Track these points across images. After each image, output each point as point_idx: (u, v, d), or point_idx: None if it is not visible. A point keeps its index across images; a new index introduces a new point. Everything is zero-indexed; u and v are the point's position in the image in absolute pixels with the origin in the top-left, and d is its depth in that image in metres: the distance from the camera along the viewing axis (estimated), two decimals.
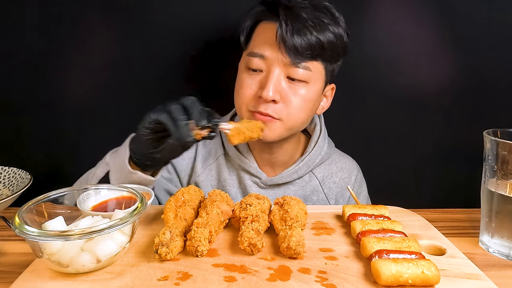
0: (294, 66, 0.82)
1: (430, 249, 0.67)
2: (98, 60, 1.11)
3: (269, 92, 0.81)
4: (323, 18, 0.82)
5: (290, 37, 0.79)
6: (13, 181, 0.90)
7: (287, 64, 0.82)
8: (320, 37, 0.81)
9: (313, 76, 0.84)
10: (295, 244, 0.60)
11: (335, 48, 0.84)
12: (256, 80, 0.85)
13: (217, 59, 1.11)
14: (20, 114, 1.12)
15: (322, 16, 0.82)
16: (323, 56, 0.84)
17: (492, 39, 1.12)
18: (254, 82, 0.85)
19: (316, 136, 0.98)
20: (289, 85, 0.84)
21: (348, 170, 1.03)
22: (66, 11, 1.06)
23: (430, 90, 1.16)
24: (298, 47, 0.80)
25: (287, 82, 0.84)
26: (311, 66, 0.83)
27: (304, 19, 0.80)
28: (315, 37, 0.80)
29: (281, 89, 0.83)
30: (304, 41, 0.80)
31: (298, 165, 0.96)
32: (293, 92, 0.84)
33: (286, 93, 0.83)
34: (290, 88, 0.84)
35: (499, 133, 0.72)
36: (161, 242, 0.59)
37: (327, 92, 0.93)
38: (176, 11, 1.08)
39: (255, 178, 0.97)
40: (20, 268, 0.60)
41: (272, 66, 0.83)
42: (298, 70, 0.82)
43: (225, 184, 0.98)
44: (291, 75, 0.83)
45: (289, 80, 0.84)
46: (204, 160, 0.99)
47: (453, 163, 1.20)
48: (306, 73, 0.83)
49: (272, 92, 0.81)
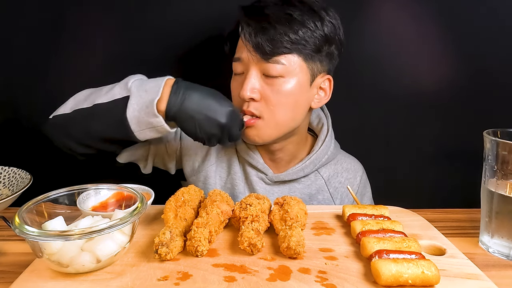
0: (266, 62, 0.83)
1: (430, 249, 0.67)
2: (98, 60, 1.11)
3: (245, 92, 0.84)
4: (292, 11, 0.83)
5: (253, 36, 0.82)
6: (13, 181, 0.90)
7: (260, 61, 0.84)
8: (286, 31, 0.81)
9: (289, 69, 0.84)
10: (295, 244, 0.60)
11: (308, 41, 0.83)
12: (239, 83, 0.87)
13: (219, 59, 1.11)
14: (20, 113, 1.12)
15: (291, 10, 0.83)
16: (297, 50, 0.84)
17: (493, 38, 1.12)
18: (238, 85, 0.88)
19: (323, 136, 0.98)
20: (266, 81, 0.85)
21: (354, 171, 1.03)
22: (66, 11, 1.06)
23: (430, 90, 1.16)
24: (263, 44, 0.81)
25: (264, 79, 0.85)
26: (284, 60, 0.83)
27: (266, 15, 0.82)
28: (280, 32, 0.81)
29: (258, 87, 0.85)
30: (267, 37, 0.81)
31: (305, 163, 0.96)
32: (270, 88, 0.85)
33: (264, 91, 0.85)
34: (268, 85, 0.85)
35: (499, 133, 0.72)
36: (161, 242, 0.59)
37: (322, 84, 0.91)
38: (174, 11, 1.07)
39: (261, 174, 0.97)
40: (20, 268, 0.60)
41: (248, 66, 0.86)
42: (270, 65, 0.83)
43: (235, 177, 0.98)
44: (266, 72, 0.84)
45: (265, 77, 0.85)
46: (219, 151, 1.00)
47: (453, 163, 1.20)
48: (281, 68, 0.83)
49: (249, 91, 0.84)
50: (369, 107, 1.17)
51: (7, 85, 1.10)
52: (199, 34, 1.09)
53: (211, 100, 0.79)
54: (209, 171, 0.98)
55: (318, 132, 1.00)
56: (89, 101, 0.81)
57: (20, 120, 1.13)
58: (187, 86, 0.79)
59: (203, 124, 0.78)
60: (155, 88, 0.78)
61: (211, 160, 0.99)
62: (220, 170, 1.00)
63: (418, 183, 1.23)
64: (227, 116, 0.79)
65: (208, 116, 0.78)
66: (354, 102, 1.15)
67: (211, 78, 1.12)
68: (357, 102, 1.16)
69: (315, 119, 1.02)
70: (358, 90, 1.14)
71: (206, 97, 0.79)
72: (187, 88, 0.78)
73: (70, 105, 0.84)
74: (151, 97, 0.77)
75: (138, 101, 0.78)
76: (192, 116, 0.77)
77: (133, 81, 0.81)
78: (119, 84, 0.82)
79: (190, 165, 1.00)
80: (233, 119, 0.80)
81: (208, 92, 0.80)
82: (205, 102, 0.78)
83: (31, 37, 1.07)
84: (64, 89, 1.11)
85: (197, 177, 0.99)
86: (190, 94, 0.78)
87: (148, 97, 0.77)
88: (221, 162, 1.00)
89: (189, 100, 0.77)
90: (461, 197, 0.99)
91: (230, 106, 0.80)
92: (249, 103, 0.85)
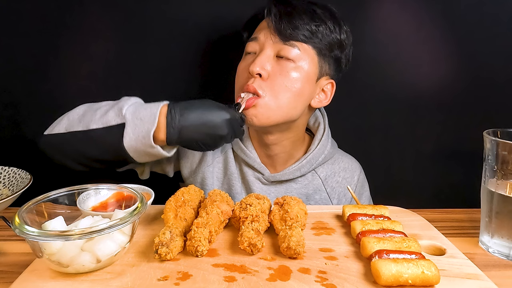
0: (283, 44, 0.86)
1: (430, 249, 0.67)
2: (100, 60, 1.11)
3: (255, 67, 0.85)
4: (315, 9, 0.87)
5: (278, 18, 0.85)
6: (13, 181, 0.90)
7: (277, 42, 0.86)
8: (310, 23, 0.86)
9: (302, 57, 0.87)
10: (295, 244, 0.60)
11: (326, 38, 0.88)
12: (249, 62, 0.88)
13: (219, 59, 1.11)
14: (20, 113, 1.12)
15: (315, 8, 0.88)
16: (314, 43, 0.87)
17: (493, 39, 1.12)
18: (247, 64, 0.88)
19: (319, 135, 0.98)
20: (277, 62, 0.87)
21: (351, 170, 1.03)
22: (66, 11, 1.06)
23: (430, 90, 1.16)
24: (285, 27, 0.84)
25: (276, 59, 0.87)
26: (300, 47, 0.86)
27: (292, 5, 0.86)
28: (304, 21, 0.85)
29: (268, 66, 0.86)
30: (292, 23, 0.85)
31: (301, 163, 0.96)
32: (280, 70, 0.86)
33: (273, 71, 0.86)
34: (278, 65, 0.87)
35: (499, 133, 0.72)
36: (161, 242, 0.59)
37: (325, 87, 0.93)
38: (173, 11, 1.08)
39: (258, 173, 0.97)
40: (20, 268, 0.60)
41: (263, 46, 0.88)
42: (286, 47, 0.86)
43: (231, 178, 0.98)
44: (280, 53, 0.86)
45: (278, 58, 0.87)
46: (215, 151, 1.00)
47: (453, 163, 1.20)
48: (295, 52, 0.86)
49: (259, 67, 0.85)
50: (369, 107, 1.17)
51: (7, 85, 1.10)
52: (199, 34, 1.09)
53: (207, 116, 0.77)
54: (206, 172, 0.99)
55: (314, 131, 1.01)
56: (84, 123, 0.79)
57: (20, 120, 1.13)
58: (181, 109, 0.77)
59: (206, 141, 0.79)
60: (150, 117, 0.76)
61: (207, 161, 0.99)
62: (217, 171, 1.00)
63: (418, 183, 1.23)
64: (227, 126, 0.78)
65: (208, 133, 0.77)
66: (354, 102, 1.15)
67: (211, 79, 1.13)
68: (358, 102, 1.16)
69: (312, 118, 1.02)
70: (358, 90, 1.14)
71: (202, 114, 0.77)
72: (182, 111, 0.77)
73: (64, 124, 0.81)
74: (147, 127, 0.75)
75: (134, 130, 0.76)
76: (193, 138, 0.78)
77: (128, 107, 0.78)
78: (113, 109, 0.79)
79: (188, 167, 1.00)
80: (233, 124, 0.79)
81: (203, 108, 0.78)
82: (202, 120, 0.77)
83: (31, 37, 1.07)
84: (64, 89, 1.12)
85: (194, 179, 0.99)
86: (186, 118, 0.76)
87: (144, 126, 0.76)
88: (218, 163, 1.00)
89: (186, 124, 0.76)
90: (461, 197, 0.99)
91: (226, 113, 0.78)
92: (255, 80, 0.85)
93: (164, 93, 1.11)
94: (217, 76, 1.12)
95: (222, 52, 1.10)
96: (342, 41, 0.90)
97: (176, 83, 1.12)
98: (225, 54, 1.09)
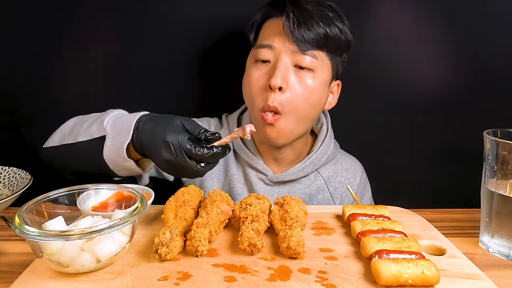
0: (301, 54, 0.84)
1: (430, 249, 0.67)
2: (100, 60, 1.10)
3: (277, 80, 0.83)
4: (327, 12, 0.86)
5: (297, 27, 0.82)
6: (13, 181, 0.90)
7: (295, 51, 0.84)
8: (326, 28, 0.85)
9: (320, 65, 0.86)
10: (295, 244, 0.60)
11: (339, 41, 0.87)
12: (264, 72, 0.86)
13: (221, 59, 1.11)
14: (20, 113, 1.12)
15: (326, 11, 0.86)
16: (328, 48, 0.87)
17: (493, 38, 1.12)
18: (262, 74, 0.87)
19: (322, 135, 0.98)
20: (296, 73, 0.85)
21: (353, 171, 1.03)
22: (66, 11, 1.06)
23: (430, 90, 1.16)
24: (305, 36, 0.82)
25: (294, 70, 0.85)
26: (317, 55, 0.86)
27: (309, 11, 0.84)
28: (322, 28, 0.84)
29: (288, 77, 0.85)
30: (311, 31, 0.83)
31: (305, 163, 0.96)
32: (299, 80, 0.85)
33: (293, 81, 0.85)
34: (297, 77, 0.85)
35: (499, 133, 0.72)
36: (161, 242, 0.59)
37: (333, 88, 0.94)
38: (173, 12, 1.07)
39: (261, 174, 0.97)
40: (20, 268, 0.60)
41: (279, 55, 0.85)
42: (305, 57, 0.84)
43: (232, 179, 0.98)
44: (299, 63, 0.85)
45: (296, 68, 0.85)
46: None
47: (453, 163, 1.20)
48: (313, 61, 0.85)
49: (280, 80, 0.83)
50: (369, 107, 1.17)
51: (7, 85, 1.10)
52: (199, 35, 1.09)
53: (154, 135, 0.68)
54: (205, 175, 0.97)
55: (317, 132, 1.01)
56: (73, 136, 0.79)
57: (20, 120, 1.13)
58: (144, 123, 0.71)
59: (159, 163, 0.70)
60: (126, 130, 0.72)
61: None
62: (217, 172, 0.99)
63: (418, 183, 1.23)
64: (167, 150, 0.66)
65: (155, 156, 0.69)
66: (355, 102, 1.15)
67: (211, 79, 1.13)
68: (358, 102, 1.16)
69: None
70: (358, 90, 1.14)
71: (151, 133, 0.69)
72: (144, 124, 0.71)
73: (57, 137, 0.82)
74: (122, 140, 0.72)
75: (112, 142, 0.73)
76: (151, 156, 0.70)
77: (109, 119, 0.76)
78: (97, 121, 0.77)
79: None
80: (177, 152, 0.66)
81: (158, 125, 0.70)
82: (151, 138, 0.69)
83: (32, 37, 1.07)
84: (64, 89, 1.12)
85: (193, 181, 0.99)
86: (143, 129, 0.70)
87: (120, 139, 0.72)
88: (218, 165, 0.98)
89: (142, 139, 0.70)
90: (461, 197, 0.99)
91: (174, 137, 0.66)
92: (275, 96, 0.84)
93: (164, 93, 1.12)
94: (217, 76, 1.12)
95: (222, 52, 1.10)
96: (350, 42, 0.91)
97: (176, 83, 1.12)
98: (225, 54, 1.09)
